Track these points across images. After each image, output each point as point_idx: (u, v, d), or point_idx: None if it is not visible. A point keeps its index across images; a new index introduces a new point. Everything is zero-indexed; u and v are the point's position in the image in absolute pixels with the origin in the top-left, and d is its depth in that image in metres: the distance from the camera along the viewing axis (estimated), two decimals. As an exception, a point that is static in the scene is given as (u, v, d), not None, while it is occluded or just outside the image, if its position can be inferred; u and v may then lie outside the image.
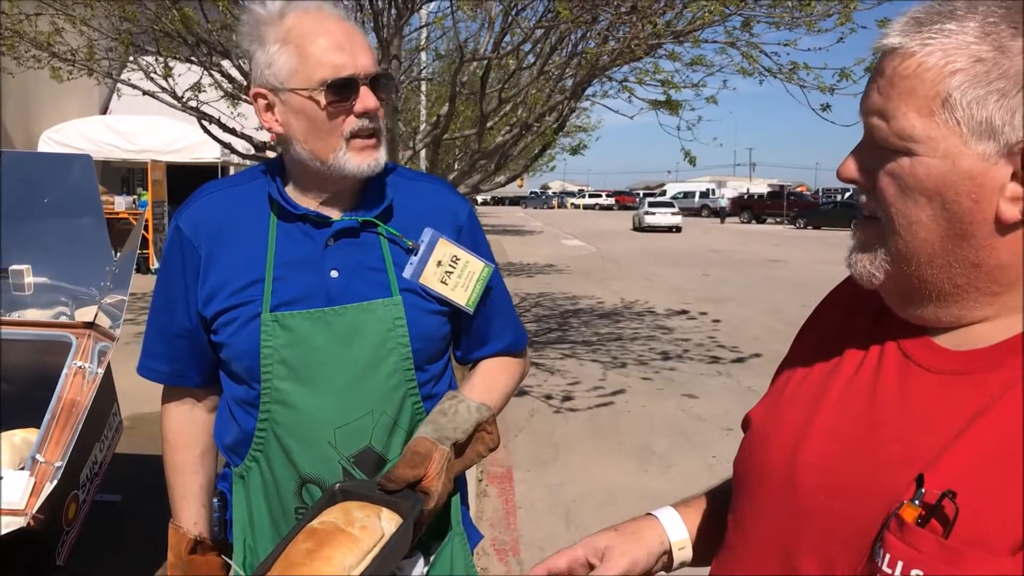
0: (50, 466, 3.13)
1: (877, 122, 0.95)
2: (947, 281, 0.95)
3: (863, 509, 0.94)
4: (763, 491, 1.08)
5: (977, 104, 0.88)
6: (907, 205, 0.94)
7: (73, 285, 3.81)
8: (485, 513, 5.15)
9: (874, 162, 0.97)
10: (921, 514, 0.87)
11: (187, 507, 1.84)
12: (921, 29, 0.92)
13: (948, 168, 0.91)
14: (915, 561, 0.86)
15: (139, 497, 4.78)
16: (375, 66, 1.65)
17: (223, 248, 1.72)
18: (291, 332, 1.65)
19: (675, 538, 1.26)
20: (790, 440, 1.05)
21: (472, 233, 1.83)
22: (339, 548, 1.41)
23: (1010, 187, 0.89)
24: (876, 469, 0.95)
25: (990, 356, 0.94)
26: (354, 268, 1.70)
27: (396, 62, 7.05)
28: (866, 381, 1.02)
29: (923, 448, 0.91)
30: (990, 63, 0.88)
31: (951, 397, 0.93)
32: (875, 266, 0.99)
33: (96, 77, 7.77)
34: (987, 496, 0.85)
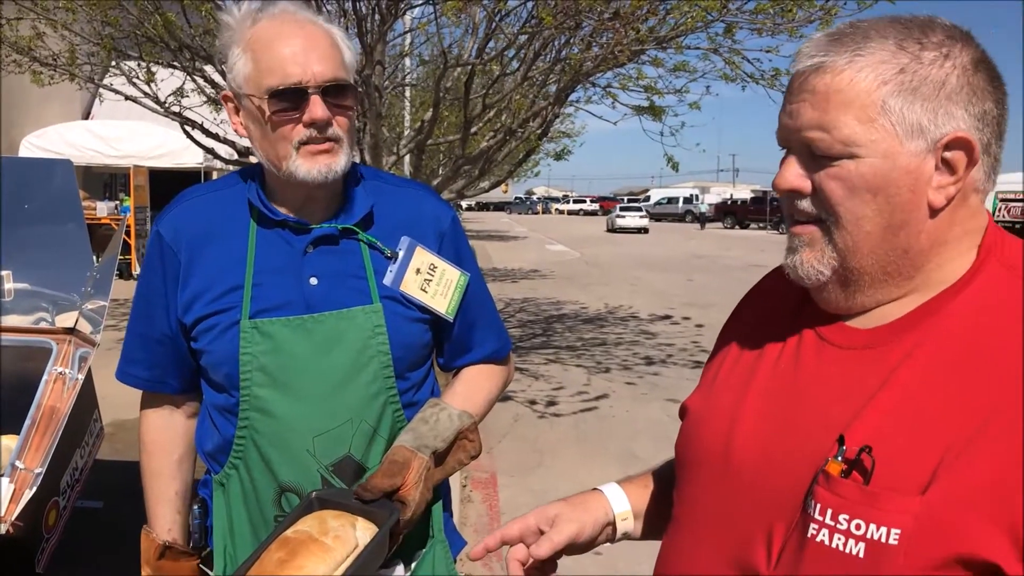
0: (29, 472, 3.10)
1: (817, 135, 1.06)
2: (880, 269, 1.08)
3: (794, 473, 1.06)
4: (704, 470, 1.20)
5: (907, 109, 1.03)
6: (854, 202, 1.06)
7: (54, 291, 3.78)
8: (469, 519, 5.14)
9: (812, 169, 1.08)
10: (844, 468, 1.00)
11: (162, 513, 1.84)
12: (845, 47, 1.05)
13: (889, 166, 1.04)
14: (841, 506, 0.99)
15: (121, 503, 4.73)
16: (335, 72, 1.62)
17: (203, 254, 1.71)
18: (270, 339, 1.65)
19: (618, 510, 1.38)
20: (724, 423, 1.18)
21: (455, 239, 1.82)
22: (311, 558, 1.41)
23: (936, 178, 1.04)
24: (802, 437, 1.07)
25: (891, 331, 1.08)
26: (334, 275, 1.69)
27: (380, 67, 7.05)
28: (788, 365, 1.16)
29: (840, 414, 1.05)
30: (911, 72, 1.03)
31: (861, 369, 1.07)
32: (823, 263, 1.10)
33: (78, 82, 7.73)
34: (897, 448, 0.99)
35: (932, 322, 1.05)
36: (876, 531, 0.96)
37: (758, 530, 1.09)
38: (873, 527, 0.97)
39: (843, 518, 0.99)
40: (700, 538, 1.19)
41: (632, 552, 1.97)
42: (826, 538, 1.00)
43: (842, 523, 0.99)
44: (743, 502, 1.12)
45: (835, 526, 0.99)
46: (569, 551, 1.36)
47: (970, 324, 1.03)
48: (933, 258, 1.08)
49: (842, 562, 0.99)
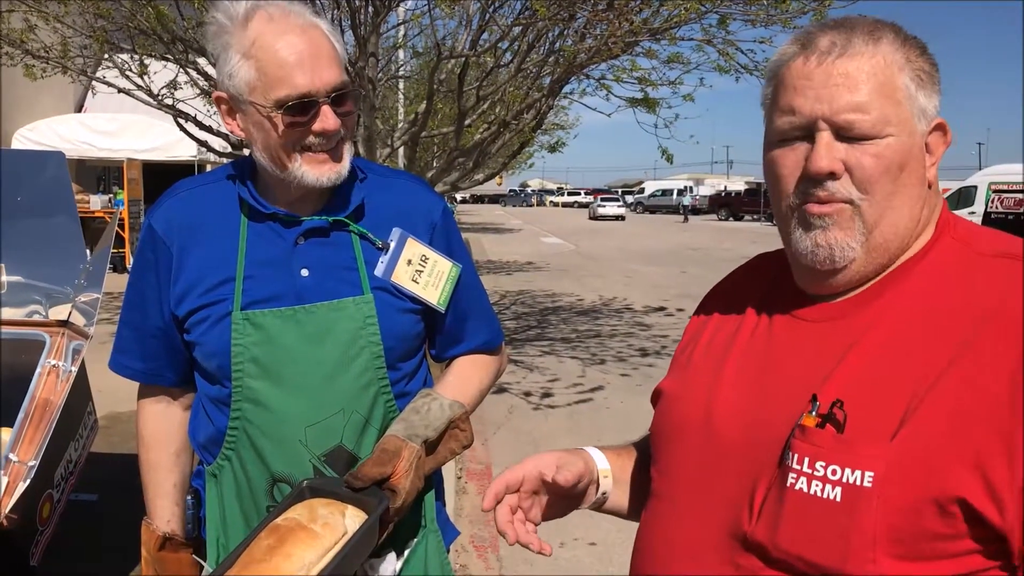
0: (23, 465, 3.10)
1: (856, 116, 1.12)
2: (889, 242, 1.16)
3: (772, 432, 1.13)
4: (685, 440, 1.25)
5: (920, 94, 1.14)
6: (887, 179, 1.13)
7: (47, 283, 3.77)
8: (464, 510, 5.15)
9: (852, 151, 1.13)
10: (818, 421, 1.07)
11: (161, 505, 1.84)
12: (860, 37, 1.14)
13: (911, 144, 1.14)
14: (818, 454, 1.06)
15: (116, 496, 4.74)
16: (339, 78, 1.62)
17: (195, 247, 1.71)
18: (262, 330, 1.65)
19: (600, 467, 1.44)
20: (703, 394, 1.25)
21: (446, 231, 1.82)
22: (299, 545, 1.41)
23: (927, 157, 1.18)
24: (778, 400, 1.15)
25: (857, 302, 1.17)
26: (325, 267, 1.69)
27: (373, 60, 7.04)
28: (762, 340, 1.24)
29: (812, 377, 1.12)
30: (913, 63, 1.15)
31: (830, 337, 1.15)
32: (855, 240, 1.15)
33: (70, 75, 7.71)
34: (866, 401, 1.06)
35: (895, 291, 1.15)
36: (851, 475, 1.02)
37: (741, 492, 1.14)
38: (848, 471, 1.02)
39: (820, 465, 1.05)
40: (683, 507, 1.23)
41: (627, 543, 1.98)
42: (804, 486, 1.05)
43: (819, 470, 1.04)
44: (725, 468, 1.17)
45: (812, 473, 1.05)
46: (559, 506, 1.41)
47: (927, 289, 1.13)
48: (909, 236, 1.17)
49: (820, 508, 1.04)
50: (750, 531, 1.11)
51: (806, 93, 1.14)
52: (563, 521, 1.46)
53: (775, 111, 1.19)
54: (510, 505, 1.35)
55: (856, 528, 1.01)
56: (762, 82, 1.28)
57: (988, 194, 22.27)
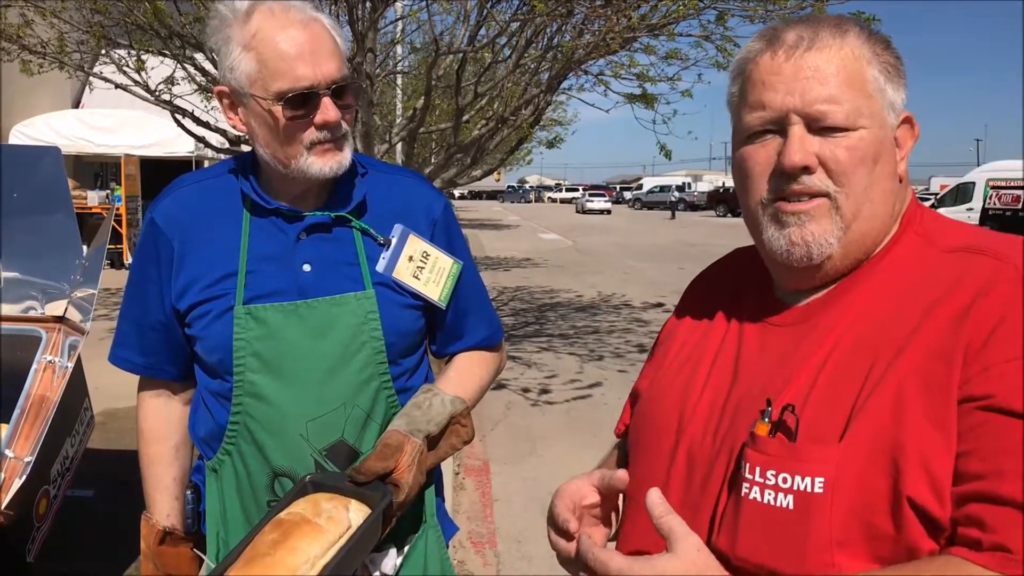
0: (19, 461, 3.10)
1: (829, 107, 1.12)
2: (865, 235, 1.16)
3: (733, 441, 1.13)
4: (659, 444, 1.24)
5: (887, 85, 1.14)
6: (862, 171, 1.13)
7: (43, 279, 3.77)
8: (462, 506, 5.15)
9: (826, 144, 1.13)
10: (770, 428, 1.07)
11: (160, 499, 1.84)
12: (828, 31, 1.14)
13: (883, 136, 1.14)
14: (768, 463, 1.05)
15: (112, 492, 4.75)
16: (340, 71, 1.62)
17: (197, 241, 1.71)
18: (264, 325, 1.65)
19: None
20: (677, 401, 1.24)
21: (447, 227, 1.83)
22: (304, 538, 1.41)
23: (896, 151, 1.17)
24: (740, 407, 1.15)
25: (822, 303, 1.17)
26: (326, 262, 1.69)
27: (371, 55, 7.02)
28: (733, 344, 1.24)
29: (775, 384, 1.12)
30: (880, 54, 1.15)
31: (794, 342, 1.15)
32: (832, 235, 1.14)
33: (67, 70, 7.68)
34: (818, 406, 1.06)
35: (855, 292, 1.14)
36: (801, 482, 1.02)
37: (707, 502, 1.14)
38: (799, 479, 1.03)
39: (770, 473, 1.05)
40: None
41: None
42: (757, 495, 1.05)
43: (770, 479, 1.04)
44: (694, 477, 1.17)
45: (764, 482, 1.05)
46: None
47: (885, 287, 1.12)
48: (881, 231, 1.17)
49: (774, 516, 1.04)
50: (713, 541, 1.11)
51: (776, 87, 1.13)
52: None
53: (744, 108, 1.18)
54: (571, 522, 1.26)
55: (812, 534, 1.01)
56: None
57: (986, 190, 22.29)
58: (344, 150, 1.66)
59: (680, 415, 1.22)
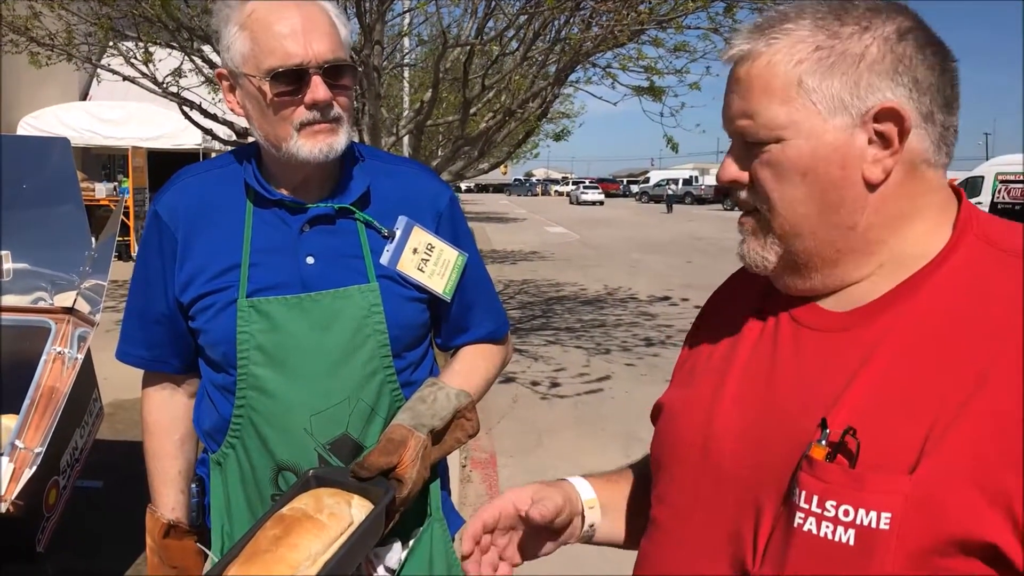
0: (29, 452, 3.11)
1: (745, 123, 1.06)
2: (829, 248, 1.07)
3: (775, 459, 1.03)
4: (683, 465, 1.16)
5: (826, 84, 1.02)
6: (785, 186, 1.05)
7: (52, 270, 3.78)
8: (468, 499, 5.16)
9: (748, 159, 1.08)
10: (828, 452, 0.96)
11: (165, 492, 1.84)
12: (763, 33, 1.05)
13: (815, 144, 1.03)
14: (827, 492, 0.95)
15: (121, 483, 4.76)
16: (334, 52, 1.60)
17: (200, 233, 1.71)
18: (267, 318, 1.65)
19: (585, 497, 1.33)
20: (702, 414, 1.14)
21: (452, 219, 1.81)
22: (306, 535, 1.41)
23: (869, 151, 1.02)
24: (782, 421, 1.05)
25: (867, 312, 1.05)
26: (330, 255, 1.69)
27: (379, 48, 7.02)
28: (766, 350, 1.13)
29: (819, 396, 1.01)
30: (828, 49, 1.02)
31: (838, 351, 1.04)
32: (766, 250, 1.10)
33: (75, 62, 7.69)
34: (882, 427, 0.95)
35: (911, 301, 1.03)
36: (866, 516, 0.92)
37: (744, 526, 1.06)
38: (862, 512, 0.92)
39: (830, 504, 0.94)
40: (682, 539, 1.15)
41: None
42: (813, 527, 0.95)
43: (829, 510, 0.94)
44: (725, 496, 1.08)
45: (822, 513, 0.95)
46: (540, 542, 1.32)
47: (951, 300, 1.00)
48: (895, 232, 1.05)
49: (832, 552, 0.94)
50: (754, 573, 1.03)
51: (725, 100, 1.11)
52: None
53: None
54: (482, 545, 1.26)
55: (871, 574, 0.93)
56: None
57: (995, 184, 22.19)
58: (338, 134, 1.63)
59: (706, 429, 1.13)
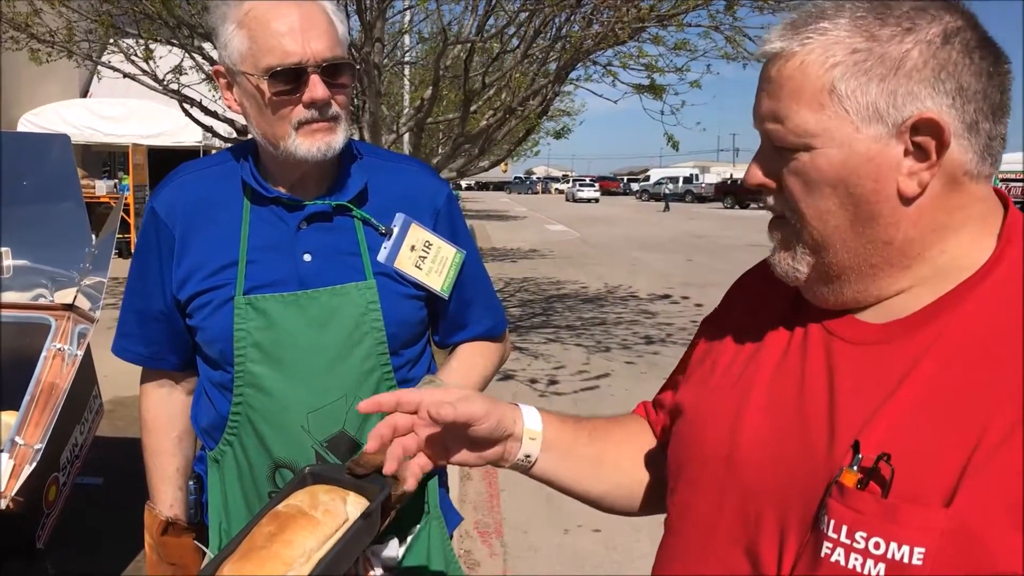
0: (29, 448, 3.11)
1: (773, 126, 1.00)
2: (863, 262, 1.01)
3: (804, 477, 0.98)
4: (705, 473, 1.11)
5: (861, 91, 0.94)
6: (814, 198, 0.99)
7: (52, 267, 3.78)
8: (468, 496, 5.16)
9: (776, 164, 1.02)
10: (860, 478, 0.91)
11: (163, 489, 1.84)
12: (798, 31, 0.98)
13: (846, 155, 0.96)
14: (857, 523, 0.90)
15: (121, 480, 4.75)
16: (333, 50, 1.59)
17: (197, 230, 1.71)
18: (264, 315, 1.65)
19: (528, 426, 1.26)
20: (727, 423, 1.09)
21: (450, 216, 1.81)
22: (300, 531, 1.41)
23: (905, 163, 0.95)
24: (811, 437, 0.99)
25: (906, 326, 0.99)
26: (327, 252, 1.68)
27: (379, 45, 7.02)
28: (795, 361, 1.07)
29: (852, 414, 0.96)
30: (865, 52, 0.94)
31: (874, 365, 0.99)
32: (797, 261, 1.04)
33: (76, 59, 7.69)
34: (917, 453, 0.90)
35: (952, 315, 0.96)
36: (898, 550, 0.88)
37: (767, 546, 1.02)
38: (894, 546, 0.88)
39: (860, 536, 0.90)
40: (703, 550, 1.11)
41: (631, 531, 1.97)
42: (841, 558, 0.91)
43: (859, 541, 0.90)
44: (749, 512, 1.04)
45: (851, 544, 0.90)
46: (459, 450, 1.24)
47: (994, 316, 0.94)
48: (934, 246, 0.99)
49: None
50: None
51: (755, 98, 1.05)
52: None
53: None
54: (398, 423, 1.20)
55: None
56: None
57: (995, 182, 22.18)
58: (337, 132, 1.62)
59: (732, 441, 1.07)
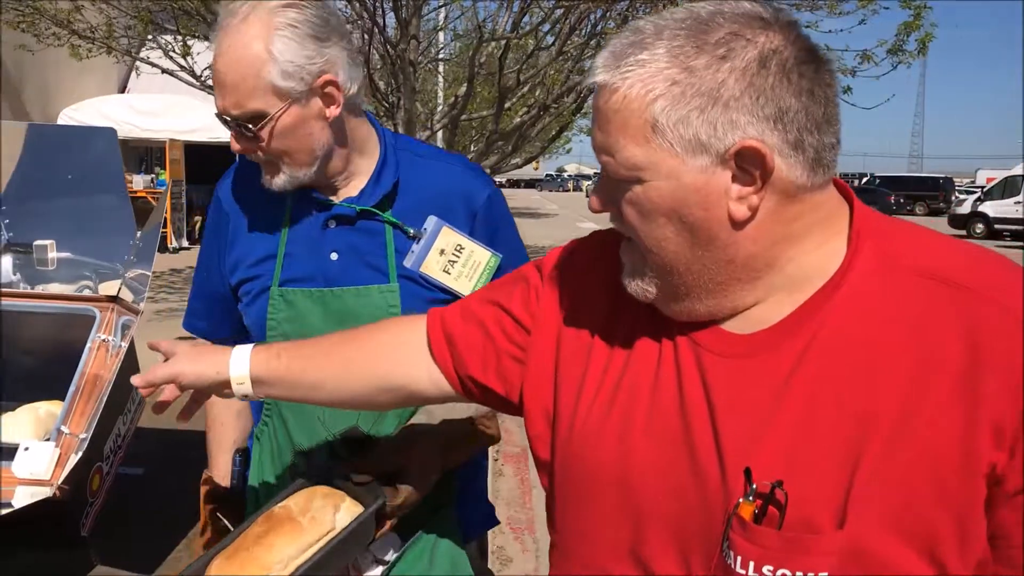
0: (75, 438, 3.17)
1: (606, 159, 1.00)
2: (709, 280, 1.01)
3: (700, 506, 0.98)
4: (600, 496, 1.09)
5: (682, 124, 0.94)
6: (650, 227, 1.00)
7: (97, 259, 3.84)
8: (501, 492, 5.17)
9: (616, 193, 1.02)
10: (757, 507, 0.92)
11: (222, 461, 1.91)
12: (618, 63, 0.97)
13: (675, 186, 0.96)
14: (764, 558, 0.91)
15: (161, 470, 4.83)
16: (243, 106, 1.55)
17: (248, 218, 1.75)
18: (293, 307, 1.68)
19: (233, 373, 1.38)
20: (613, 444, 1.07)
21: (490, 219, 1.75)
22: (282, 537, 1.41)
23: (734, 188, 0.95)
24: (701, 464, 0.99)
25: (771, 336, 0.99)
26: (352, 252, 1.69)
27: (415, 42, 7.05)
28: (670, 375, 1.05)
29: (736, 436, 0.96)
30: (683, 84, 0.93)
31: (747, 380, 0.99)
32: (646, 283, 1.04)
33: (115, 55, 7.79)
34: (805, 477, 0.91)
35: (813, 325, 0.97)
36: None
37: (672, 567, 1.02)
38: (799, 574, 0.91)
39: (767, 569, 0.92)
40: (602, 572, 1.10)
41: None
42: None
43: (767, 574, 0.92)
44: (651, 533, 1.04)
45: None
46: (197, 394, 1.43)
47: (854, 325, 0.96)
48: (779, 256, 0.99)
49: None
50: None
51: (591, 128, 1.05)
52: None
53: None
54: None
55: None
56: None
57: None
58: (275, 176, 1.63)
59: (621, 464, 1.05)
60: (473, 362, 1.27)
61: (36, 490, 3.00)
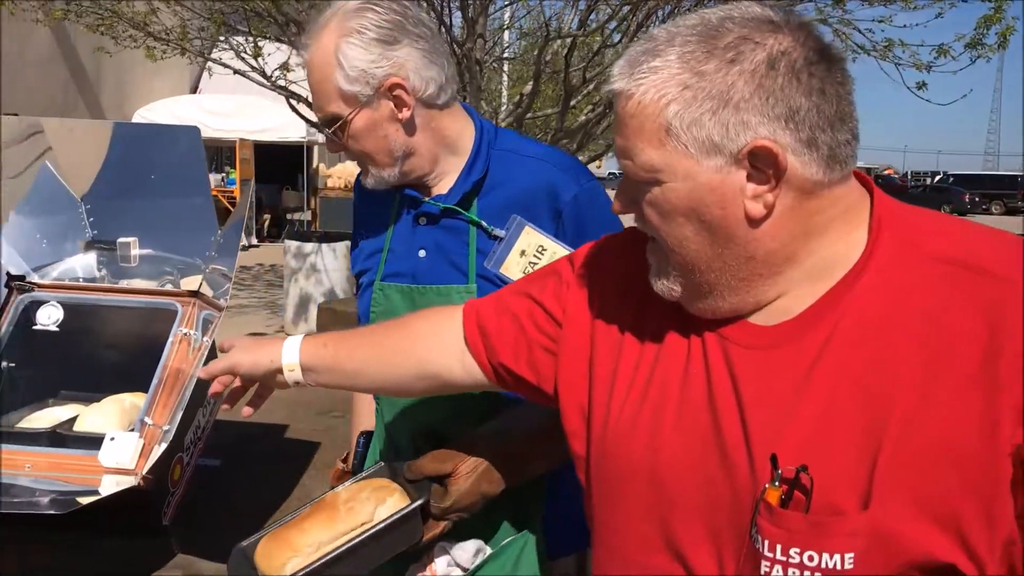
0: (158, 429, 3.26)
1: (626, 162, 1.04)
2: (732, 277, 1.04)
3: (730, 496, 1.01)
4: (632, 491, 1.12)
5: (696, 126, 0.97)
6: (671, 227, 1.04)
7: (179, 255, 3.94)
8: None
9: (637, 195, 1.06)
10: (784, 492, 0.94)
11: (351, 441, 1.99)
12: (633, 71, 1.01)
13: (691, 187, 1.00)
14: (790, 541, 0.94)
15: (237, 462, 4.94)
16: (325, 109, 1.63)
17: (367, 214, 1.84)
18: (389, 301, 1.73)
19: (285, 361, 1.45)
20: (644, 440, 1.10)
21: (577, 218, 1.68)
22: (318, 522, 1.44)
23: (749, 187, 0.98)
24: (728, 456, 1.01)
25: (795, 327, 1.02)
26: (437, 251, 1.70)
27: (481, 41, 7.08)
28: (699, 370, 1.08)
29: (764, 425, 0.99)
30: (695, 88, 0.97)
31: (773, 370, 1.01)
32: (671, 282, 1.08)
33: (188, 56, 7.95)
34: (831, 461, 0.94)
35: (835, 314, 1.00)
36: (830, 559, 0.93)
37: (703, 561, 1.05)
38: (826, 556, 0.93)
39: (794, 552, 0.94)
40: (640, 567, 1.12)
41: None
42: (780, 573, 0.96)
43: (794, 556, 0.95)
44: (684, 527, 1.06)
45: (787, 560, 0.95)
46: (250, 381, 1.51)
47: (875, 312, 0.98)
48: (799, 250, 1.02)
49: None
50: None
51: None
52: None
53: None
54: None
55: None
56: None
57: None
58: (366, 176, 1.71)
59: (652, 459, 1.08)
60: (505, 352, 1.32)
61: (121, 479, 3.08)
